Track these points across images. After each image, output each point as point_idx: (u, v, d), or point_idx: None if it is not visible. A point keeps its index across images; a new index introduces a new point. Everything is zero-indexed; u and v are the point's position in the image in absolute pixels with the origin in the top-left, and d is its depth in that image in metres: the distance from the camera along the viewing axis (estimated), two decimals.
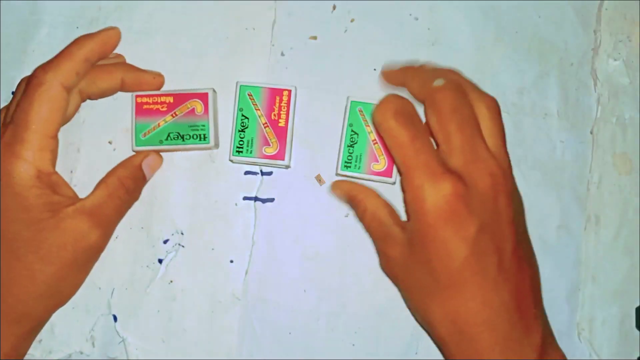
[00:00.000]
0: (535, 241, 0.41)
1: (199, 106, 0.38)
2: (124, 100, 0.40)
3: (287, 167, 0.39)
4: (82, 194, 0.39)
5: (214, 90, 0.38)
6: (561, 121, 0.42)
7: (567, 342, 0.41)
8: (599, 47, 0.43)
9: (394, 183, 0.38)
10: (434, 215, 0.30)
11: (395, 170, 0.38)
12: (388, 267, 0.35)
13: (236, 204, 0.40)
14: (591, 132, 0.42)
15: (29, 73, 0.40)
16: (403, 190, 0.32)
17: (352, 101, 0.38)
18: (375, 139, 0.38)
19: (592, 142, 0.42)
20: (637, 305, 0.41)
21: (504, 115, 0.41)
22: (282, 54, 0.41)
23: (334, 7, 0.41)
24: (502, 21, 0.42)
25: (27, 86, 0.33)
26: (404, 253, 0.33)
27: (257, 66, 0.41)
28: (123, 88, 0.38)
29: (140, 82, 0.38)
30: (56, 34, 0.40)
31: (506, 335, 0.31)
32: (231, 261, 0.40)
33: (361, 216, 0.36)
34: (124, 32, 0.40)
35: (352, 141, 0.38)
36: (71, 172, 0.39)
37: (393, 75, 0.38)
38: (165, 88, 0.40)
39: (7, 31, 0.41)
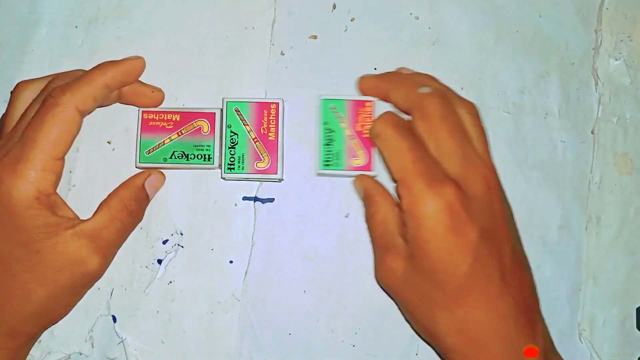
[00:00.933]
0: (536, 241, 0.41)
1: (205, 126, 0.37)
2: None
3: (280, 180, 0.39)
4: (80, 195, 0.39)
5: (222, 111, 0.38)
6: (562, 121, 0.42)
7: (568, 342, 0.41)
8: (600, 46, 0.43)
9: (375, 177, 0.38)
10: (435, 222, 0.30)
11: (375, 163, 0.38)
12: (386, 278, 0.34)
13: (236, 204, 0.40)
14: (592, 132, 0.42)
15: (28, 72, 0.40)
16: (400, 197, 0.32)
17: (322, 99, 0.38)
18: (352, 134, 0.38)
19: (593, 142, 0.42)
20: (638, 305, 0.41)
21: (504, 115, 0.42)
22: (282, 54, 0.41)
23: (334, 6, 0.41)
24: (502, 20, 0.42)
25: (42, 105, 0.32)
26: (405, 265, 0.32)
27: (256, 65, 0.41)
28: (121, 98, 0.37)
29: (138, 93, 0.37)
30: (55, 33, 0.40)
31: (514, 341, 0.31)
32: (231, 262, 0.40)
33: (370, 217, 0.36)
34: (123, 31, 0.40)
35: (328, 139, 0.38)
36: (70, 172, 0.39)
37: (372, 85, 0.37)
38: (165, 88, 0.40)
39: (6, 30, 0.40)
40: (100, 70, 0.34)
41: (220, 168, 0.38)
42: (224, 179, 0.38)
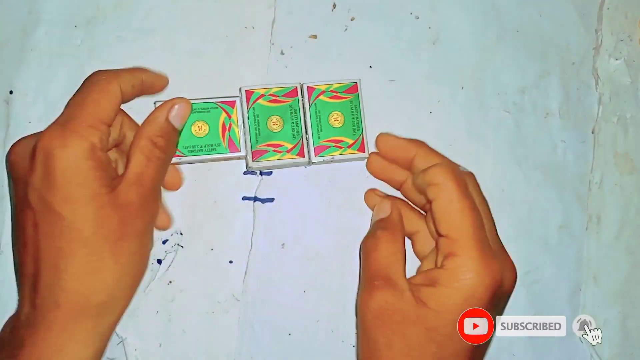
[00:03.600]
0: (536, 241, 0.41)
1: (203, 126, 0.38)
2: None
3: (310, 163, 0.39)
4: None
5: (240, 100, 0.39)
6: (562, 121, 0.42)
7: (568, 342, 0.41)
8: (600, 46, 0.43)
9: (367, 157, 0.39)
10: (468, 297, 0.31)
11: (368, 145, 0.38)
12: (374, 310, 0.32)
13: (235, 204, 0.40)
14: (592, 132, 0.42)
15: (27, 72, 0.40)
16: (444, 253, 0.32)
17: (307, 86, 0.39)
18: (337, 117, 0.38)
19: (594, 142, 0.42)
20: (639, 306, 0.41)
21: (505, 114, 0.42)
22: (282, 53, 0.41)
23: (334, 6, 0.41)
24: (503, 20, 0.42)
25: (85, 81, 0.34)
26: (400, 309, 0.31)
27: (256, 65, 0.40)
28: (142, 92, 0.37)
29: (157, 79, 0.38)
30: (54, 32, 0.40)
31: None
32: (230, 262, 0.40)
33: (381, 243, 0.34)
34: (123, 30, 0.40)
35: (318, 128, 0.38)
36: None
37: (397, 145, 0.38)
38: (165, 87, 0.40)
39: (6, 30, 0.40)
40: (138, 68, 0.36)
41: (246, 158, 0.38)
42: (250, 168, 0.38)
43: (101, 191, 0.30)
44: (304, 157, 0.38)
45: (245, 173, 0.40)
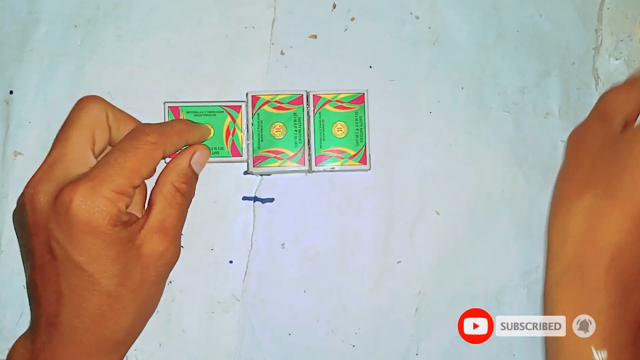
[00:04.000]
0: (537, 241, 0.41)
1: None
2: (122, 100, 0.39)
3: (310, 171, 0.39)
4: None
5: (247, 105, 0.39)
6: (562, 121, 0.42)
7: None
8: (600, 46, 0.43)
9: (369, 169, 0.38)
10: None
11: (370, 158, 0.38)
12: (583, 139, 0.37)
13: (235, 204, 0.40)
14: None
15: (27, 72, 0.40)
16: None
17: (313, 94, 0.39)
18: (340, 127, 0.38)
19: None
20: None
21: (505, 114, 0.42)
22: (282, 53, 0.41)
23: (334, 6, 0.41)
24: (503, 20, 0.42)
25: (132, 137, 0.33)
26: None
27: (256, 65, 0.40)
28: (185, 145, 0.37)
29: (201, 138, 0.38)
30: (54, 32, 0.40)
31: None
32: (230, 262, 0.39)
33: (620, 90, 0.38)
34: (123, 30, 0.40)
35: (321, 137, 0.38)
36: None
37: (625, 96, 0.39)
38: (165, 88, 0.40)
39: (5, 30, 0.40)
40: (187, 128, 0.36)
41: (247, 162, 0.38)
42: (251, 173, 0.38)
43: (125, 248, 0.31)
44: (304, 165, 0.38)
45: (245, 173, 0.40)
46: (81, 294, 0.31)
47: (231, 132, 0.38)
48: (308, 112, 0.38)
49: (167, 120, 0.38)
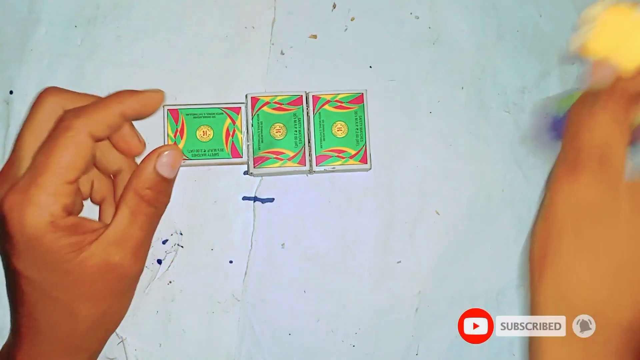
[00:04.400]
0: None
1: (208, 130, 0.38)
2: None
3: (311, 171, 0.39)
4: None
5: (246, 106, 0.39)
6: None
7: None
8: None
9: (369, 169, 0.38)
10: None
11: (371, 157, 0.38)
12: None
13: (235, 205, 0.40)
14: None
15: (27, 72, 0.40)
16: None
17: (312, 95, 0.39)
18: (340, 127, 0.38)
19: None
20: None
21: (505, 114, 0.42)
22: (282, 53, 0.41)
23: (334, 6, 0.41)
24: (503, 20, 0.42)
25: (55, 128, 0.30)
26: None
27: (256, 65, 0.40)
28: (127, 120, 0.33)
29: (125, 139, 0.34)
30: (54, 32, 0.40)
31: None
32: (230, 262, 0.39)
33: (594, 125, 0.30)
34: (123, 30, 0.40)
35: (321, 137, 0.38)
36: None
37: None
38: (165, 88, 0.40)
39: (6, 30, 0.40)
40: (117, 98, 0.32)
41: (247, 164, 0.38)
42: (251, 174, 0.38)
43: (68, 257, 0.30)
44: (305, 165, 0.38)
45: (245, 173, 0.40)
46: (29, 299, 0.30)
47: (231, 133, 0.38)
48: (308, 113, 0.38)
49: (166, 124, 0.38)
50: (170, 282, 0.39)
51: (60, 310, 0.31)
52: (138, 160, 0.32)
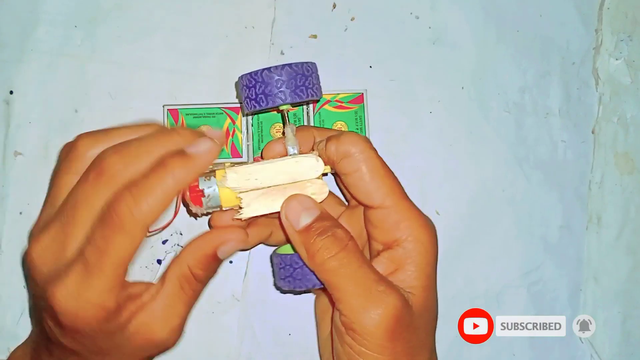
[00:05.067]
0: (537, 241, 0.41)
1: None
2: (122, 100, 0.39)
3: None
4: None
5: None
6: (563, 120, 0.42)
7: (568, 342, 0.41)
8: (600, 46, 0.43)
9: None
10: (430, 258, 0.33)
11: None
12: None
13: None
14: (593, 132, 0.42)
15: (27, 72, 0.40)
16: (398, 226, 0.31)
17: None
18: (340, 127, 0.38)
19: (594, 142, 0.42)
20: (639, 306, 0.41)
21: (505, 114, 0.42)
22: (282, 53, 0.41)
23: (334, 6, 0.41)
24: (503, 20, 0.42)
25: (106, 223, 0.27)
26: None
27: (256, 65, 0.40)
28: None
29: (196, 173, 0.29)
30: (55, 32, 0.40)
31: None
32: (230, 262, 0.39)
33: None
34: (123, 30, 0.40)
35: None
36: None
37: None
38: (165, 88, 0.40)
39: (6, 30, 0.40)
40: (171, 174, 0.27)
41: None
42: None
43: (115, 333, 0.29)
44: None
45: None
46: (62, 353, 0.30)
47: (231, 133, 0.38)
48: (308, 113, 0.38)
49: (166, 124, 0.38)
50: None
51: None
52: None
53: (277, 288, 0.38)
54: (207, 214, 0.31)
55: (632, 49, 0.43)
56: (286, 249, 0.33)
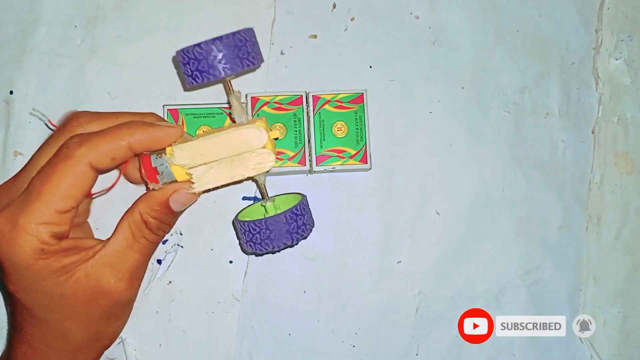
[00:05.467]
0: (537, 241, 0.41)
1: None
2: (122, 100, 0.39)
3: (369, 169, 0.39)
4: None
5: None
6: (562, 121, 0.42)
7: (568, 342, 0.41)
8: (600, 46, 0.43)
9: (369, 168, 0.38)
10: None
11: (371, 157, 0.38)
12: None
13: (235, 204, 0.40)
14: (592, 132, 0.42)
15: (27, 72, 0.40)
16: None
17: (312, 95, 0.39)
18: (341, 127, 0.38)
19: (594, 142, 0.42)
20: (639, 306, 0.41)
21: (505, 114, 0.42)
22: (282, 53, 0.41)
23: (334, 6, 0.41)
24: (503, 20, 0.42)
25: (56, 154, 0.29)
26: None
27: None
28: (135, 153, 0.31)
29: (156, 141, 0.31)
30: (54, 32, 0.40)
31: None
32: (230, 262, 0.39)
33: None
34: (123, 30, 0.40)
35: (321, 137, 0.38)
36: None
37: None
38: (165, 88, 0.40)
39: (5, 30, 0.40)
40: (128, 130, 0.29)
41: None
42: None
43: (60, 280, 0.29)
44: (305, 165, 0.38)
45: None
46: (20, 320, 0.31)
47: None
48: (308, 113, 0.38)
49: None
50: (170, 282, 0.39)
51: (51, 332, 0.30)
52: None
53: (243, 251, 0.39)
54: None
55: (632, 49, 0.43)
56: (246, 215, 0.35)
